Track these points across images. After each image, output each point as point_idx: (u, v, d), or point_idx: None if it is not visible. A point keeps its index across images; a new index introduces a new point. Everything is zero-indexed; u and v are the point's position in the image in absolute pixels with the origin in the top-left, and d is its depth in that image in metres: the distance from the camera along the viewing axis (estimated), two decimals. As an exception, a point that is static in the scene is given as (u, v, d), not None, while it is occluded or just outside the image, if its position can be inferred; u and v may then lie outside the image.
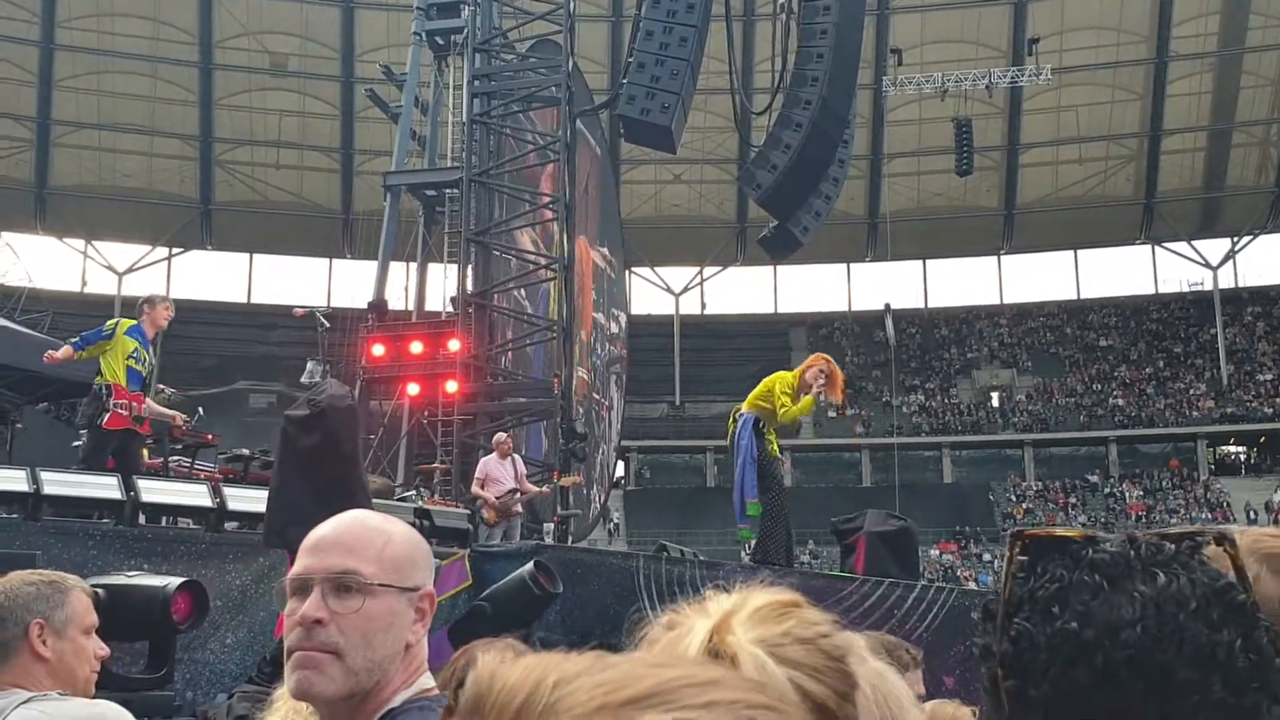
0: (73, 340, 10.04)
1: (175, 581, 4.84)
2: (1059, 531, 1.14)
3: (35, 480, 7.98)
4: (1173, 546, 1.10)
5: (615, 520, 48.27)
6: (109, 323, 10.08)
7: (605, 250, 31.70)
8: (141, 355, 10.00)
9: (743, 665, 1.10)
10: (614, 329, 33.05)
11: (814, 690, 1.14)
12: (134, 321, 10.08)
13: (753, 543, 11.22)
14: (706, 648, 1.13)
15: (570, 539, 20.65)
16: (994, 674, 1.09)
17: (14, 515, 8.15)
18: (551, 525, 18.09)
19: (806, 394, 10.70)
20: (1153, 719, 1.00)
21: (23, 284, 38.30)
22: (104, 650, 3.03)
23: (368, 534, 1.87)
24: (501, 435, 15.61)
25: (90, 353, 9.93)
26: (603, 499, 31.93)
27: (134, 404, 9.82)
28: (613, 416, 32.45)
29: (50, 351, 10.43)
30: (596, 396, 29.61)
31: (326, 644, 1.79)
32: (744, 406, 10.97)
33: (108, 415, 9.67)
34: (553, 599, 6.78)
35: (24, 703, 2.76)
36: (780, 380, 10.75)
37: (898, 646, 3.00)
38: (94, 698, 2.96)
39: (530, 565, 6.82)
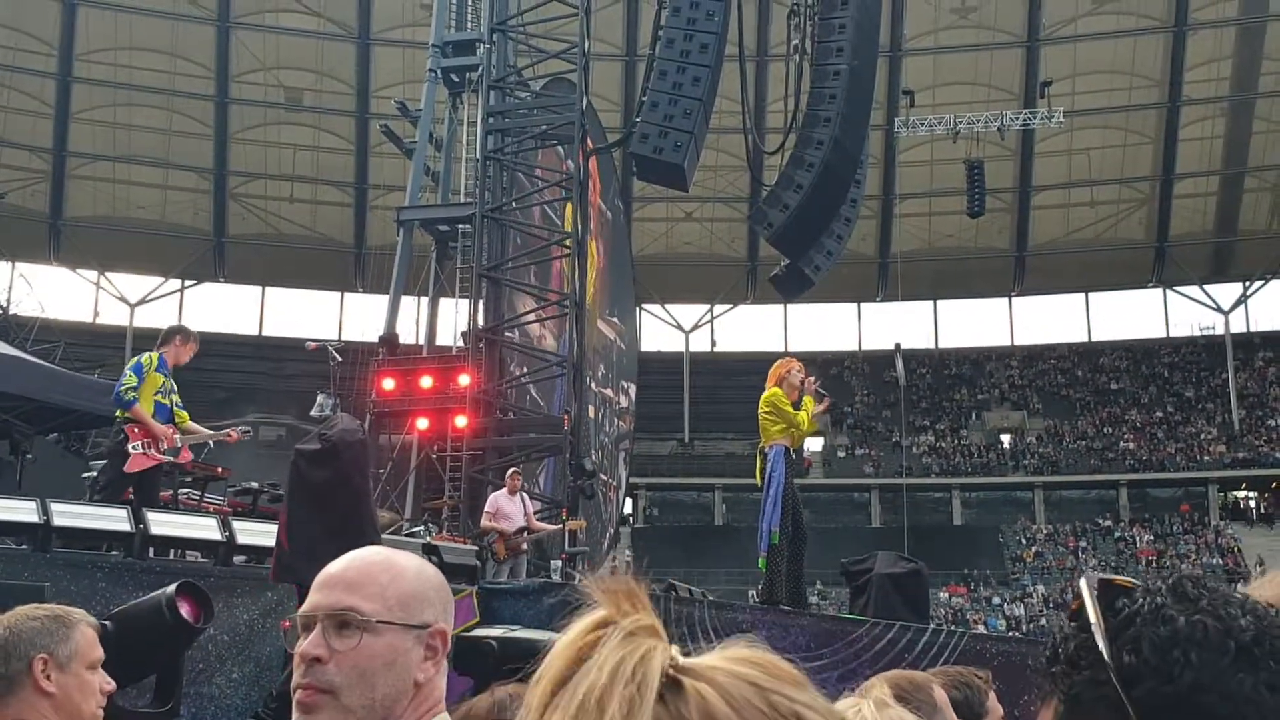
0: (125, 400, 9.49)
1: (171, 586, 4.78)
2: (1119, 580, 1.31)
3: (45, 512, 7.96)
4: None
5: (626, 558, 48.08)
6: (144, 359, 9.75)
7: (616, 320, 31.45)
8: (168, 388, 9.84)
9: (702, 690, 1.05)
10: (623, 403, 32.60)
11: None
12: (157, 354, 9.85)
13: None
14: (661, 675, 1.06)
15: (578, 577, 20.56)
16: (1111, 699, 1.20)
17: (23, 547, 8.13)
18: (559, 563, 18.02)
19: (798, 397, 10.64)
20: None
21: (35, 314, 38.43)
22: (110, 685, 3.01)
23: (373, 571, 1.85)
24: (516, 471, 15.60)
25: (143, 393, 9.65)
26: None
27: (156, 441, 9.64)
28: (619, 497, 31.93)
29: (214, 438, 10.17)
30: (604, 477, 29.21)
31: (322, 682, 1.77)
32: (766, 441, 10.85)
33: (129, 459, 9.51)
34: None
35: None
36: (776, 397, 10.67)
37: (920, 688, 2.93)
38: None
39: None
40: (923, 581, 12.13)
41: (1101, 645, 1.22)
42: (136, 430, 9.57)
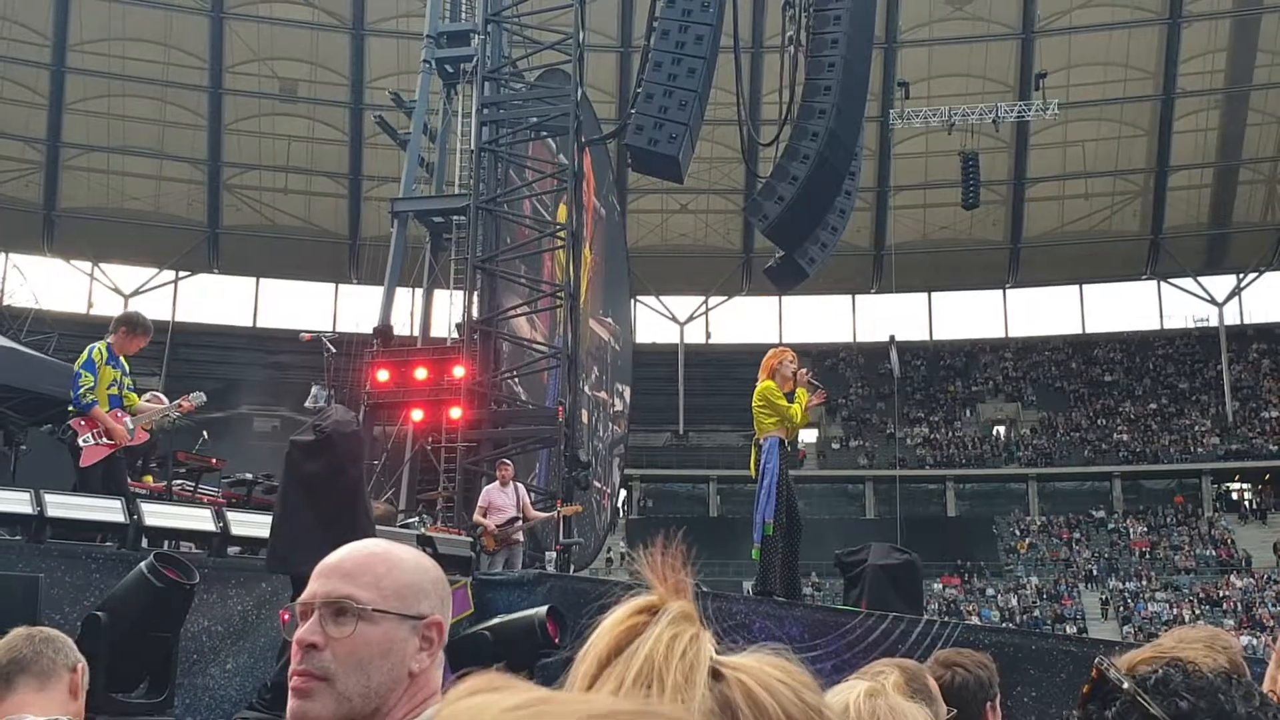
0: (85, 403, 9.33)
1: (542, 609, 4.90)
2: (1111, 677, 1.33)
3: (39, 502, 7.96)
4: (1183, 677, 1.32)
5: (621, 549, 48.14)
6: (94, 354, 9.54)
7: (610, 321, 31.26)
8: (118, 378, 9.64)
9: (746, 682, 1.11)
10: (618, 406, 32.43)
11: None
12: (105, 344, 9.64)
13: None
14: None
15: (572, 568, 20.58)
16: None
17: (17, 537, 8.13)
18: (553, 554, 18.03)
19: (792, 388, 10.62)
20: None
21: (29, 305, 38.39)
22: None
23: (371, 561, 1.87)
24: (505, 462, 15.61)
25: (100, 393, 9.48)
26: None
27: (104, 428, 9.37)
28: (613, 504, 31.72)
29: (130, 430, 9.73)
30: (597, 484, 29.12)
31: (318, 669, 1.79)
32: (761, 434, 10.85)
33: (81, 454, 9.31)
34: (554, 651, 6.66)
35: None
36: (769, 390, 10.64)
37: (915, 677, 2.93)
38: None
39: (544, 610, 6.74)
40: (916, 573, 12.14)
41: None
42: (83, 423, 9.36)
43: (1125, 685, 1.27)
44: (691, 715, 0.87)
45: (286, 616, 2.00)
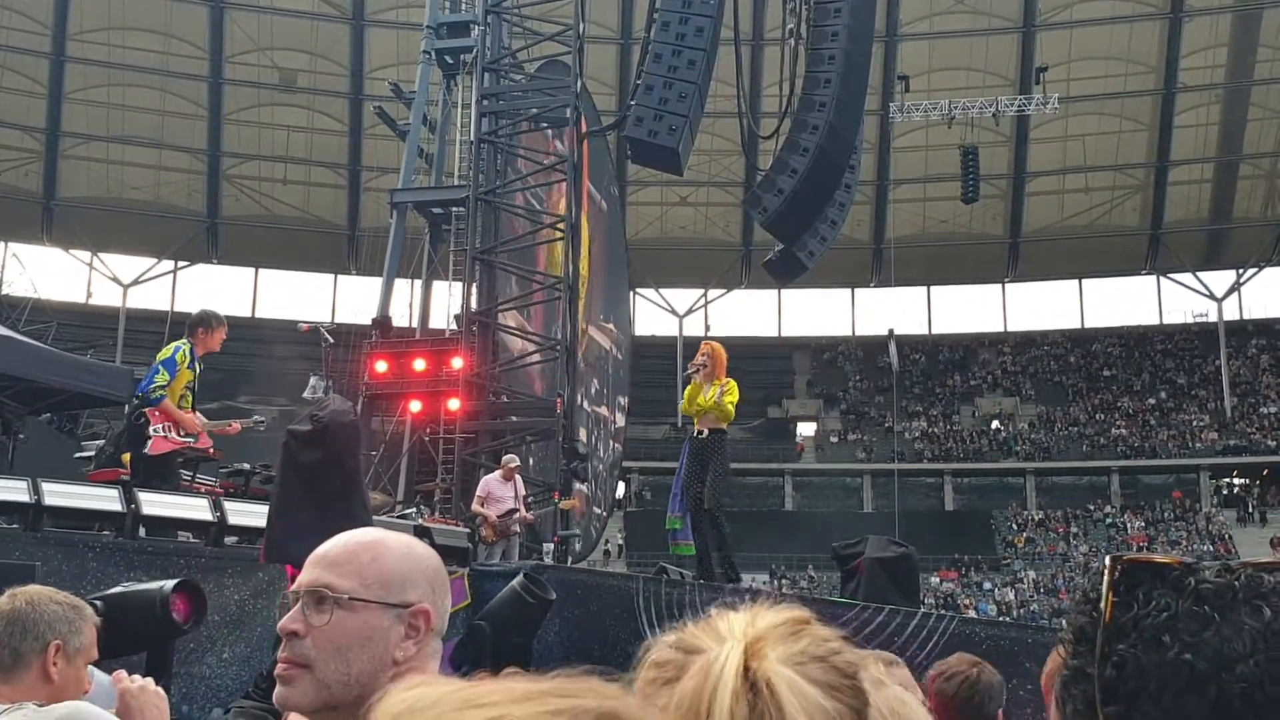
0: (155, 397, 9.40)
1: (170, 583, 4.82)
2: (1158, 558, 1.14)
3: (36, 491, 7.97)
4: (1272, 579, 1.10)
5: (619, 541, 48.19)
6: (179, 355, 9.60)
7: (611, 326, 30.94)
8: (193, 382, 9.78)
9: (778, 690, 1.13)
10: (619, 421, 31.69)
11: (830, 708, 1.15)
12: (189, 345, 9.69)
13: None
14: (740, 674, 1.15)
15: (570, 559, 20.60)
16: (1089, 698, 1.09)
17: (14, 526, 8.14)
18: (551, 545, 18.05)
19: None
20: None
21: (28, 295, 38.34)
22: (90, 685, 3.01)
23: (354, 549, 1.88)
24: (511, 457, 15.57)
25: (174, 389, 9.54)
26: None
27: (179, 426, 9.55)
28: (604, 524, 31.38)
29: (214, 429, 9.98)
30: (597, 510, 29.02)
31: (298, 656, 1.82)
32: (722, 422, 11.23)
33: (151, 442, 9.46)
34: (548, 605, 6.77)
35: (2, 712, 2.74)
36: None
37: (897, 664, 2.95)
38: None
39: (520, 576, 6.87)
40: (913, 566, 12.17)
41: (1095, 647, 1.12)
42: (158, 414, 9.51)
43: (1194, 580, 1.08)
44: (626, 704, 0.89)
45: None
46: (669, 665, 1.20)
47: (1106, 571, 1.12)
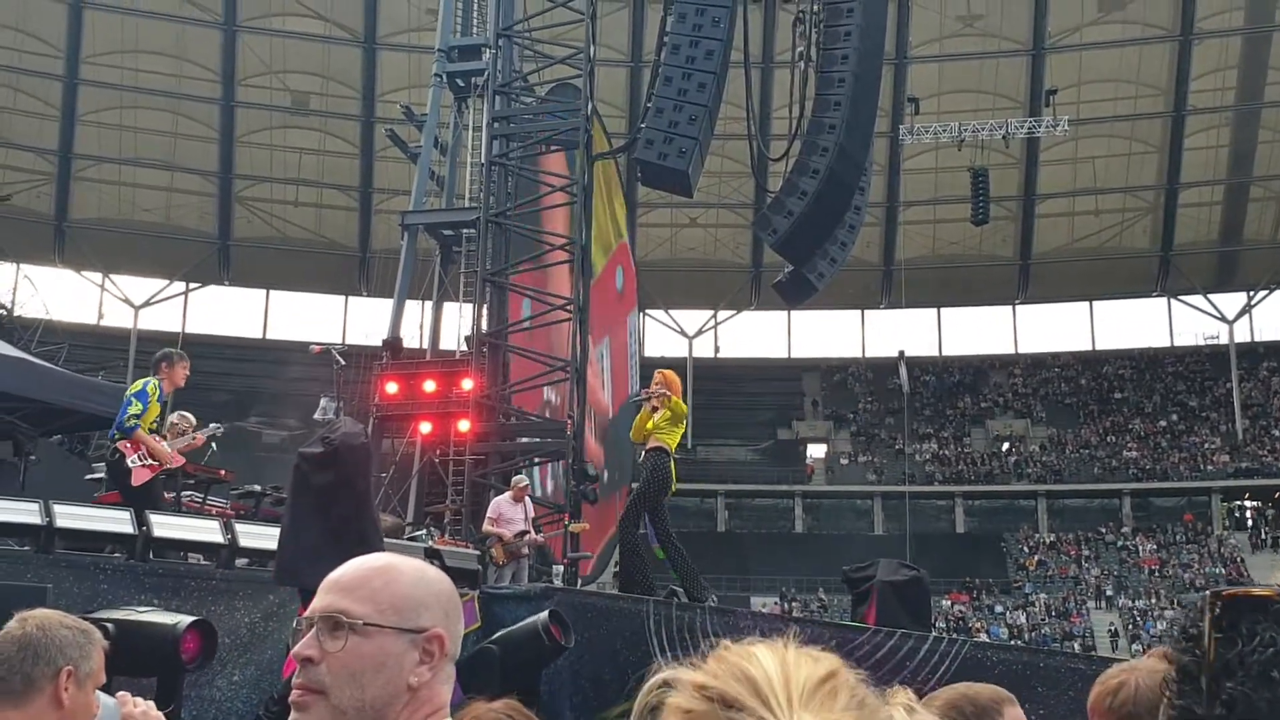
0: (129, 427, 9.79)
1: (185, 620, 4.82)
2: (1257, 591, 1.10)
3: (48, 513, 7.97)
4: None
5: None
6: (149, 387, 9.98)
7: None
8: (160, 416, 10.23)
9: None
10: None
11: None
12: (156, 381, 10.06)
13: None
14: None
15: (579, 582, 20.55)
16: None
17: (26, 548, 8.14)
18: (561, 567, 18.00)
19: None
20: None
21: (40, 316, 38.43)
22: (98, 708, 3.02)
23: (368, 574, 1.88)
24: (520, 478, 15.56)
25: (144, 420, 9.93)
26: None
27: (148, 450, 9.85)
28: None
29: (175, 457, 10.18)
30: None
31: (313, 682, 1.81)
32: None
33: (132, 473, 9.75)
34: (561, 652, 6.68)
35: None
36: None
37: (985, 711, 2.83)
38: None
39: (545, 615, 6.75)
40: (924, 589, 12.13)
41: (1201, 686, 1.09)
42: (128, 445, 9.78)
43: None
44: None
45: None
46: (703, 718, 1.13)
47: (1207, 607, 1.08)
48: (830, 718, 1.13)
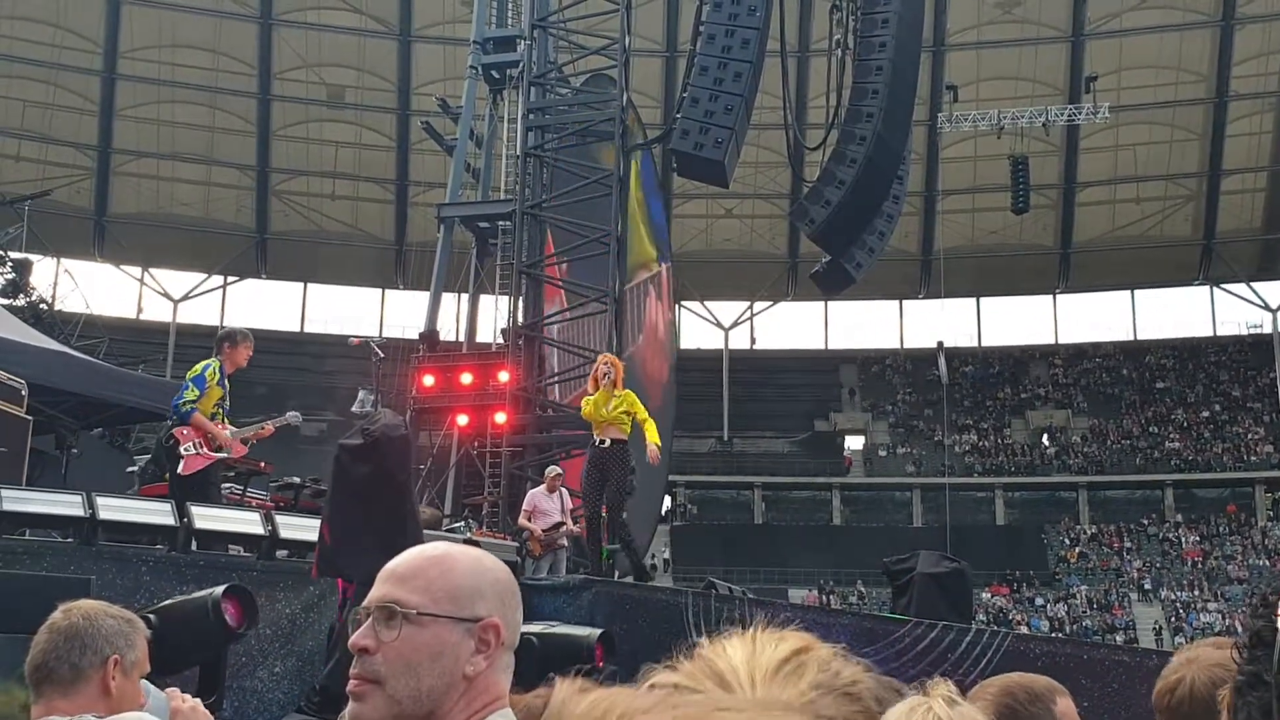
0: (184, 412, 9.53)
1: (219, 588, 4.79)
2: None
3: (91, 505, 8.01)
4: None
5: (665, 555, 48.06)
6: (208, 372, 9.73)
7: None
8: (223, 399, 9.90)
9: None
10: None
11: None
12: (217, 363, 9.83)
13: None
14: None
15: (616, 573, 20.53)
16: (1266, 704, 1.06)
17: (69, 540, 8.18)
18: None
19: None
20: None
21: (80, 310, 38.81)
22: (145, 699, 3.05)
23: (423, 564, 1.88)
24: (554, 468, 15.50)
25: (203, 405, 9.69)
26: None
27: (206, 436, 9.61)
28: None
29: (235, 445, 9.94)
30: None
31: (369, 673, 1.81)
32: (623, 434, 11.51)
33: (183, 462, 9.54)
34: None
35: None
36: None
37: (1039, 699, 2.77)
38: None
39: (597, 634, 6.53)
40: (965, 581, 12.05)
41: (1275, 652, 1.08)
42: (185, 432, 9.59)
43: None
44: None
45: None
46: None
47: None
48: (791, 693, 1.15)
